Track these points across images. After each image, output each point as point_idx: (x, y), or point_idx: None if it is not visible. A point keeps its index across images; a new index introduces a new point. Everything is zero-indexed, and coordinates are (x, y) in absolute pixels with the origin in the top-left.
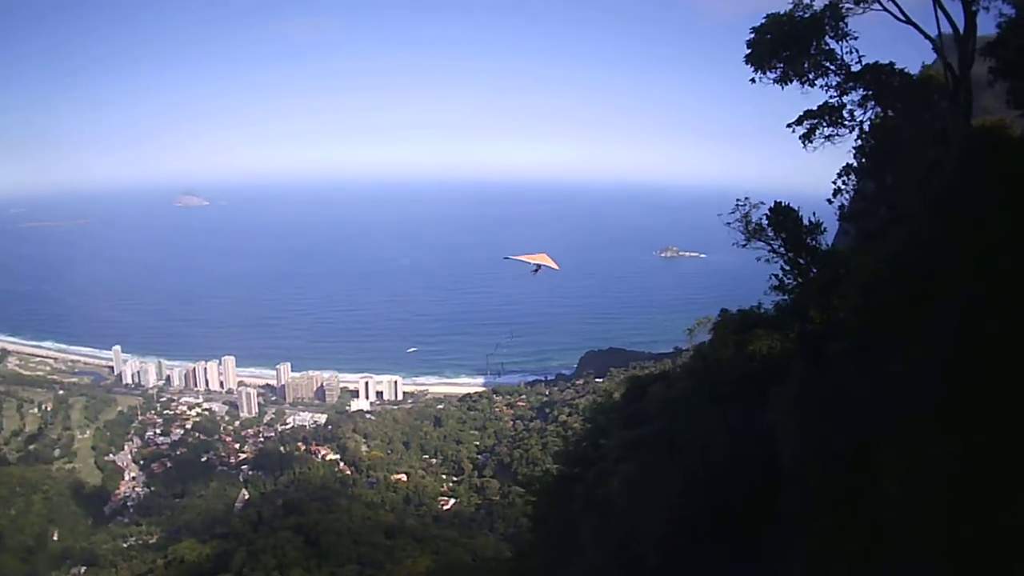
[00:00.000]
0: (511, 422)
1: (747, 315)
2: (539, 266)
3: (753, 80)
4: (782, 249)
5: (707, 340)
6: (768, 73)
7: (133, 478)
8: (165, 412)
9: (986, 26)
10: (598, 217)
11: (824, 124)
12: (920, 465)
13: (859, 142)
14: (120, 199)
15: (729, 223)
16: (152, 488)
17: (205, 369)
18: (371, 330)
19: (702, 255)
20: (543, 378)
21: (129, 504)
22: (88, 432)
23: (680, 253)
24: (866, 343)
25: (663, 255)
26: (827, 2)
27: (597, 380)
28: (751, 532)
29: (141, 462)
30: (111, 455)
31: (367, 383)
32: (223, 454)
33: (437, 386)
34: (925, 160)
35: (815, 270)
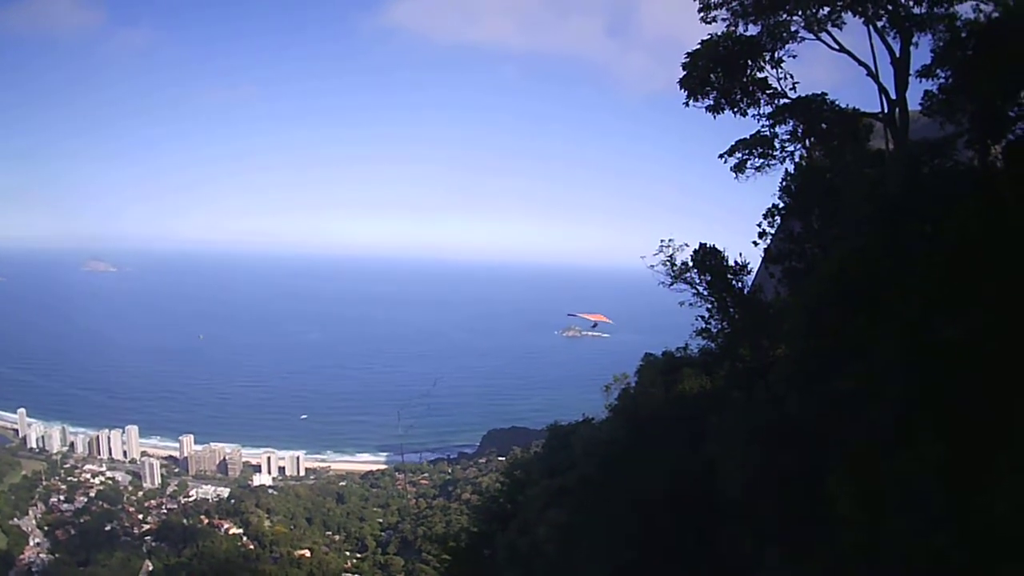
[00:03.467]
0: (414, 500)
1: (673, 357)
2: (596, 323)
3: (687, 104)
4: (706, 291)
5: (632, 383)
6: (701, 100)
7: (37, 543)
8: (69, 479)
9: (919, 54)
10: (499, 296)
11: (755, 155)
12: (874, 482)
13: (784, 182)
14: (30, 260)
15: (653, 265)
16: (57, 555)
17: (109, 437)
18: (272, 405)
19: (605, 335)
20: (446, 456)
21: (34, 570)
22: None
23: (583, 332)
24: (809, 365)
25: (566, 335)
26: (762, 27)
27: (500, 458)
28: (693, 571)
29: (46, 528)
30: (15, 519)
31: (269, 458)
32: (127, 524)
33: (339, 463)
34: (865, 182)
35: (738, 313)
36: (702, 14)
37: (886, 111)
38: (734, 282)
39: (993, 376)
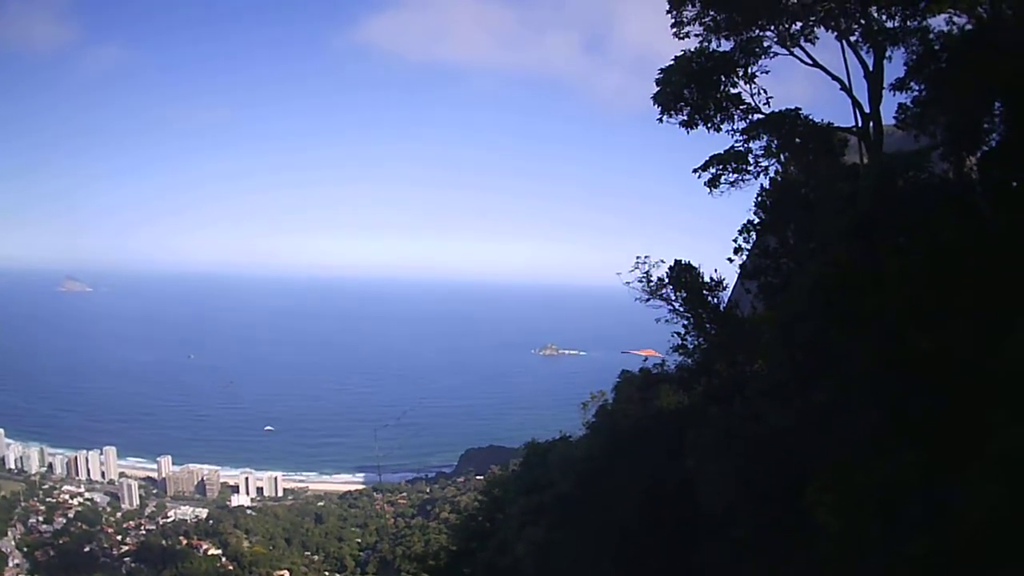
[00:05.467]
0: (392, 519)
1: (650, 374)
2: (646, 358)
3: (660, 120)
4: (682, 307)
5: (609, 400)
6: (674, 115)
7: (17, 565)
8: (48, 500)
9: (893, 67)
10: (475, 315)
11: (729, 170)
12: (851, 492)
13: (759, 198)
14: (4, 281)
15: (629, 282)
16: None
17: (87, 458)
18: (248, 425)
19: (582, 352)
20: (423, 476)
21: None
22: None
23: (560, 351)
24: (785, 378)
25: (542, 353)
26: (735, 43)
27: (478, 477)
28: None
29: (25, 549)
30: None
31: (247, 479)
32: (106, 545)
33: (317, 483)
34: (839, 196)
35: (715, 328)
36: (675, 30)
37: (860, 125)
38: (710, 298)
39: (965, 386)
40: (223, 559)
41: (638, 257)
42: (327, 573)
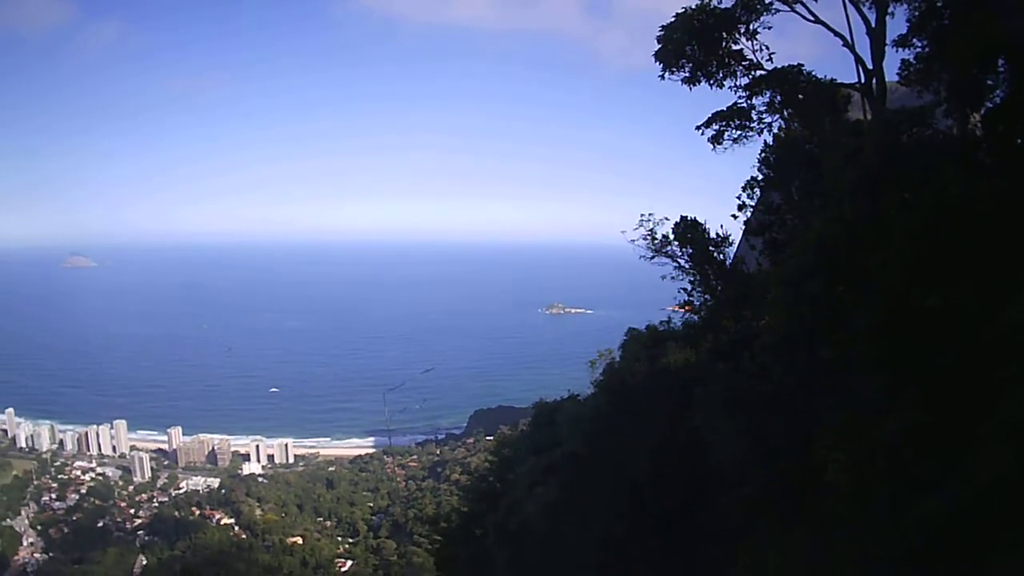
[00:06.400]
0: (403, 482)
1: (657, 331)
2: (685, 313)
3: (662, 77)
4: (688, 264)
5: (616, 358)
6: (676, 72)
7: (31, 544)
8: (60, 477)
9: (895, 23)
10: (481, 276)
11: (732, 127)
12: (861, 450)
13: (763, 154)
14: (8, 259)
15: (634, 240)
16: (51, 554)
17: (98, 433)
18: (257, 392)
19: (588, 311)
20: (433, 438)
21: (29, 570)
22: None
23: (566, 310)
24: (792, 335)
25: (549, 312)
26: (736, 0)
27: (488, 438)
28: (683, 544)
29: (39, 527)
30: (8, 520)
31: (258, 446)
32: (119, 519)
33: (328, 449)
34: (843, 151)
35: (721, 285)
36: None
37: (863, 81)
38: (716, 254)
39: (974, 343)
40: (236, 528)
41: (643, 215)
42: (340, 538)
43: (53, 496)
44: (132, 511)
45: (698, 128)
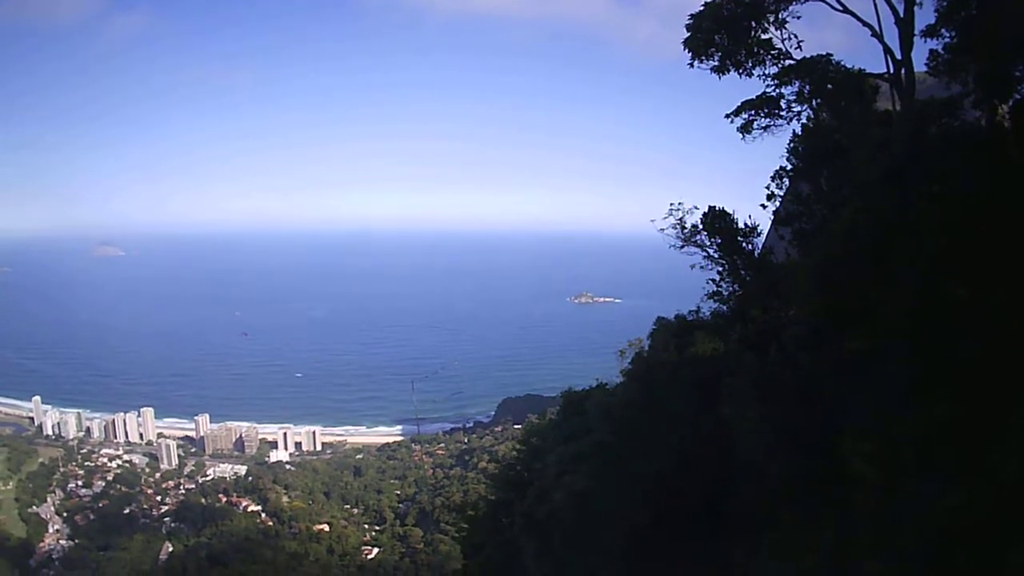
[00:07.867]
0: (431, 470)
1: (686, 321)
2: None
3: (691, 65)
4: (717, 254)
5: (645, 348)
6: (705, 61)
7: (57, 530)
8: (86, 464)
9: (924, 13)
10: (510, 266)
11: (762, 116)
12: (887, 441)
13: (792, 144)
14: (39, 249)
15: (663, 229)
16: (77, 541)
17: (124, 420)
18: (285, 380)
19: (617, 300)
20: (461, 426)
21: (55, 557)
22: (11, 484)
23: (595, 299)
24: (820, 325)
25: (577, 301)
26: None
27: (516, 426)
28: (708, 535)
29: (65, 514)
30: (34, 507)
31: (285, 434)
32: (145, 506)
33: (355, 436)
34: (872, 142)
35: (749, 275)
36: None
37: (891, 72)
38: (744, 244)
39: (1002, 335)
40: (263, 515)
41: (672, 204)
42: (366, 526)
43: (79, 483)
44: (159, 498)
45: (727, 116)
